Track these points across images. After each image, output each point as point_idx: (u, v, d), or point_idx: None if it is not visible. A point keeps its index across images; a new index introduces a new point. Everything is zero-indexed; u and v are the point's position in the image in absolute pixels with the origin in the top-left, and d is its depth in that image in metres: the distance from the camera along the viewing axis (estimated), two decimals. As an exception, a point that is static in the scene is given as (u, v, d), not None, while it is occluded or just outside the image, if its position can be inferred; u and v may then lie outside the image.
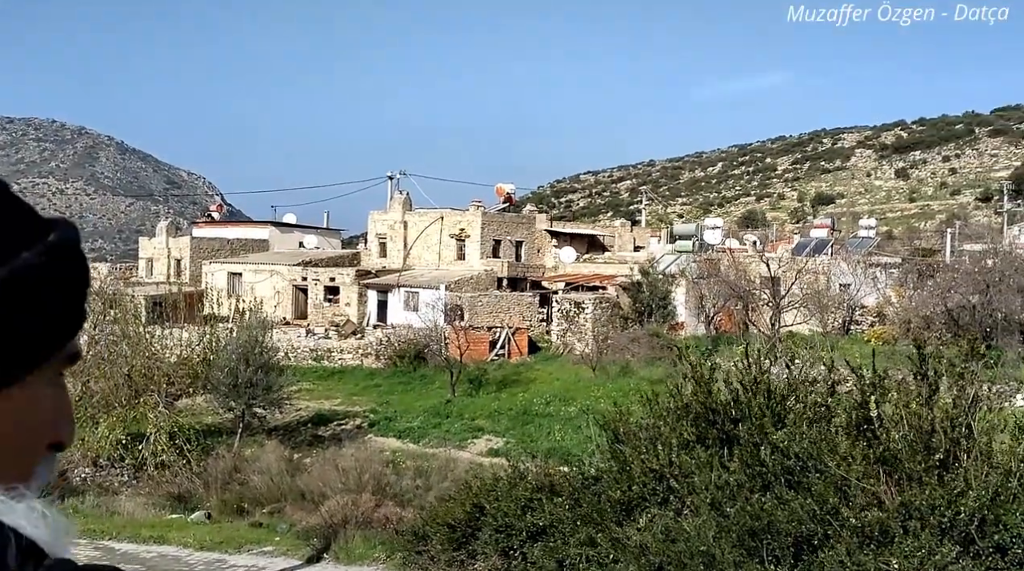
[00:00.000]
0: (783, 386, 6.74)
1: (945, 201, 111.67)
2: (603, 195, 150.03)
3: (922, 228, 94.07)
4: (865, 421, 5.13)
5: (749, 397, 6.49)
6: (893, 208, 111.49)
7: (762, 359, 7.22)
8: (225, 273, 42.62)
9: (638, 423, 7.79)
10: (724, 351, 31.96)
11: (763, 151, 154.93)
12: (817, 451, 4.75)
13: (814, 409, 6.15)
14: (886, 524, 4.11)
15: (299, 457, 22.11)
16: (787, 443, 4.88)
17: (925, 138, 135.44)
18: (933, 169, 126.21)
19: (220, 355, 22.95)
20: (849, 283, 33.66)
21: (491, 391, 29.28)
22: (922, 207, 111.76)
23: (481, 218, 41.93)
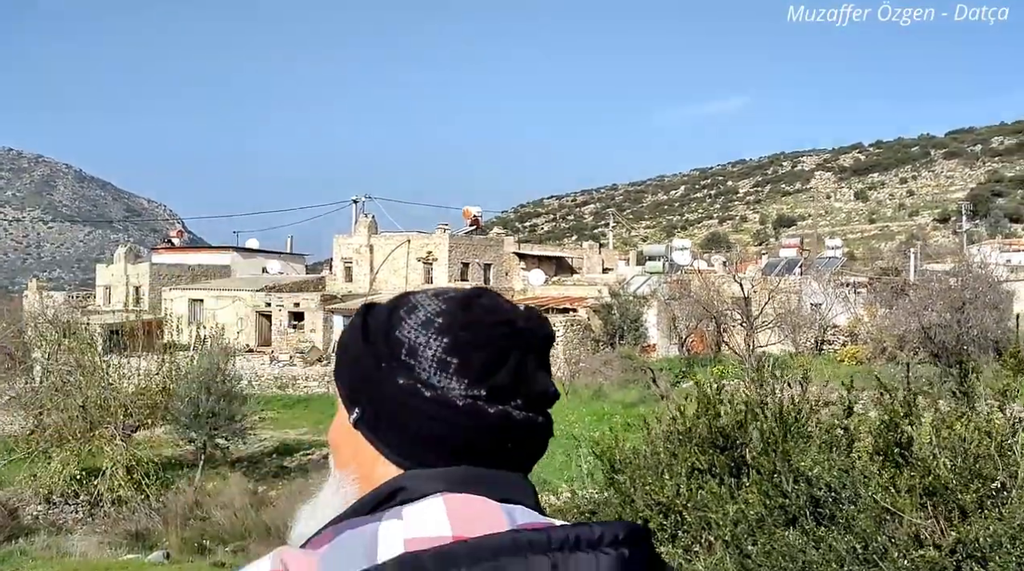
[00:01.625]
0: (795, 407, 6.23)
1: (904, 222, 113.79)
2: (567, 219, 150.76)
3: (883, 249, 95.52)
4: (896, 445, 4.64)
5: (763, 420, 5.97)
6: (853, 229, 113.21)
7: (770, 377, 6.71)
8: (186, 300, 41.51)
9: (635, 450, 7.27)
10: (699, 373, 31.77)
11: (724, 174, 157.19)
12: (851, 480, 4.26)
13: (831, 433, 5.66)
14: (942, 565, 3.63)
15: (264, 490, 21.23)
16: (816, 471, 4.38)
17: (882, 161, 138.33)
18: (891, 191, 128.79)
19: (180, 384, 22.05)
20: (820, 302, 33.65)
21: (462, 417, 28.60)
22: (882, 228, 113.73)
23: (448, 241, 41.42)
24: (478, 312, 1.09)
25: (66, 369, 23.08)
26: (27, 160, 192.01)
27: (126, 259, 46.72)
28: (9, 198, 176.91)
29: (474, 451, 1.05)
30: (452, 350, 1.05)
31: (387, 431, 1.08)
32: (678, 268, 39.62)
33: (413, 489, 1.03)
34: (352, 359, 1.12)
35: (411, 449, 1.07)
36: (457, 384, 1.05)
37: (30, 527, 18.12)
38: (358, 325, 1.13)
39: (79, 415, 21.21)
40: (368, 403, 1.10)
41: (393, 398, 1.07)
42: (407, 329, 1.07)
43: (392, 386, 1.06)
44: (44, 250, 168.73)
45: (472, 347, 1.05)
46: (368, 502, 1.04)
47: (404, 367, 1.06)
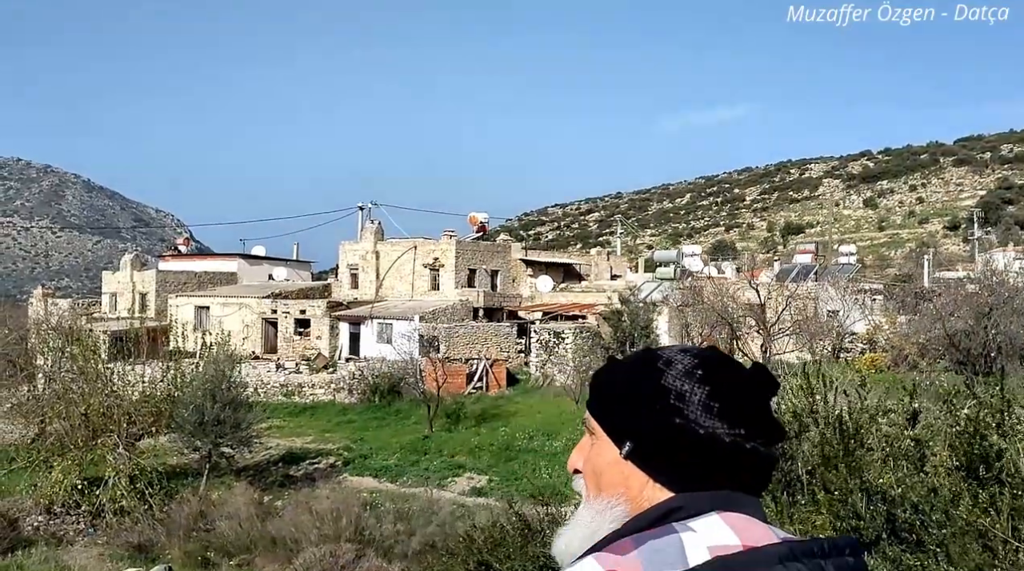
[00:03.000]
0: (853, 417, 5.67)
1: (914, 229, 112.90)
2: (572, 227, 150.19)
3: (893, 256, 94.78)
4: (982, 460, 4.09)
5: (819, 431, 5.42)
6: (863, 237, 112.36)
7: (821, 384, 6.16)
8: (192, 307, 41.10)
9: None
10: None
11: (730, 182, 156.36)
12: (940, 500, 3.72)
13: (895, 445, 5.09)
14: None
15: (270, 500, 20.75)
16: (900, 489, 3.84)
17: (891, 168, 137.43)
18: (901, 198, 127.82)
19: (185, 391, 21.57)
20: (837, 309, 33.01)
21: (470, 425, 28.06)
22: (891, 236, 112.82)
23: (455, 247, 40.91)
24: (727, 366, 1.38)
25: (69, 376, 22.66)
26: (36, 170, 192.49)
27: (132, 266, 46.35)
28: (18, 208, 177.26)
29: (730, 478, 1.32)
30: (714, 396, 1.32)
31: (660, 461, 1.33)
32: (689, 274, 39.01)
33: (688, 508, 1.29)
34: (621, 400, 1.37)
35: (680, 476, 1.32)
36: (721, 424, 1.32)
37: (30, 538, 17.66)
38: (616, 373, 1.40)
39: (81, 423, 20.77)
40: (641, 438, 1.34)
41: (667, 434, 1.32)
42: (671, 378, 1.34)
43: (666, 425, 1.32)
44: (52, 259, 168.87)
45: (730, 394, 1.33)
46: (646, 518, 1.29)
47: (675, 410, 1.32)
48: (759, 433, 1.32)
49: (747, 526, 1.25)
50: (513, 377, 34.29)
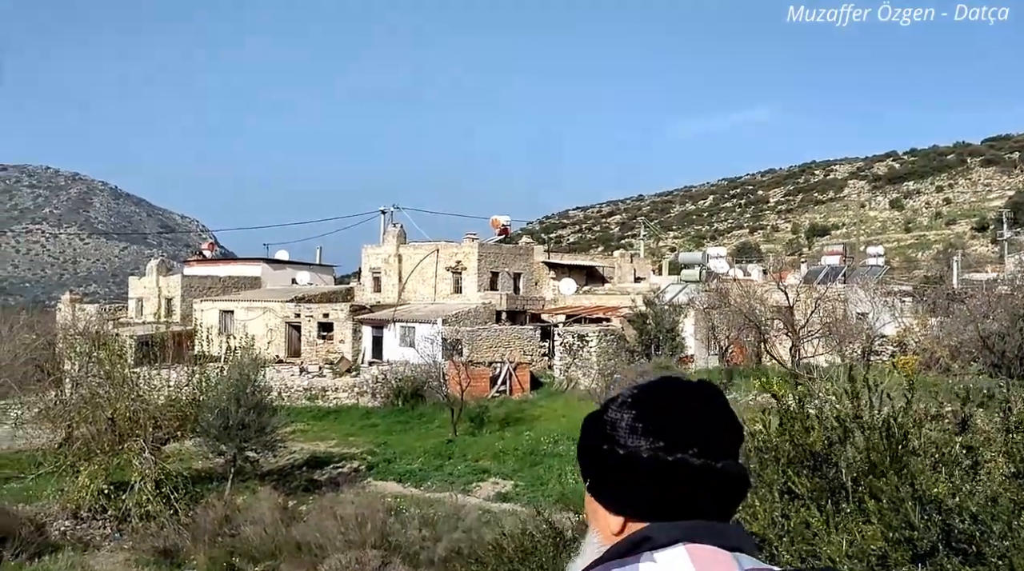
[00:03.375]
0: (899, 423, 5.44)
1: (941, 231, 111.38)
2: (593, 230, 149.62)
3: (920, 258, 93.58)
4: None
5: (865, 437, 5.20)
6: (889, 238, 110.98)
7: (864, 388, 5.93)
8: (216, 311, 41.30)
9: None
10: (740, 385, 30.68)
11: (754, 184, 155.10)
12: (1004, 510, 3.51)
13: (945, 451, 4.86)
14: None
15: (294, 504, 20.67)
16: (958, 498, 3.63)
17: (917, 169, 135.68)
18: (927, 199, 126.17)
19: (210, 395, 21.57)
20: (866, 312, 32.50)
21: (494, 430, 27.91)
22: (918, 237, 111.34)
23: (478, 250, 40.79)
24: (663, 390, 1.46)
25: (96, 381, 22.72)
26: (64, 178, 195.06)
27: (158, 271, 46.71)
28: (47, 215, 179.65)
29: (670, 493, 1.37)
30: (639, 418, 1.41)
31: (604, 490, 1.43)
32: (715, 276, 38.61)
33: (657, 539, 1.35)
34: (581, 444, 1.48)
35: (622, 503, 1.41)
36: (644, 441, 1.39)
37: (57, 543, 17.70)
38: (587, 419, 1.50)
39: (108, 428, 20.81)
40: (591, 472, 1.45)
41: (599, 461, 1.42)
42: (610, 411, 1.45)
43: (599, 453, 1.42)
44: (80, 265, 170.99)
45: (654, 413, 1.41)
46: (622, 549, 1.37)
47: (606, 437, 1.42)
48: (686, 444, 1.37)
49: (710, 557, 1.32)
50: (537, 380, 34.10)
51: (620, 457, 1.38)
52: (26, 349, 28.73)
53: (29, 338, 30.49)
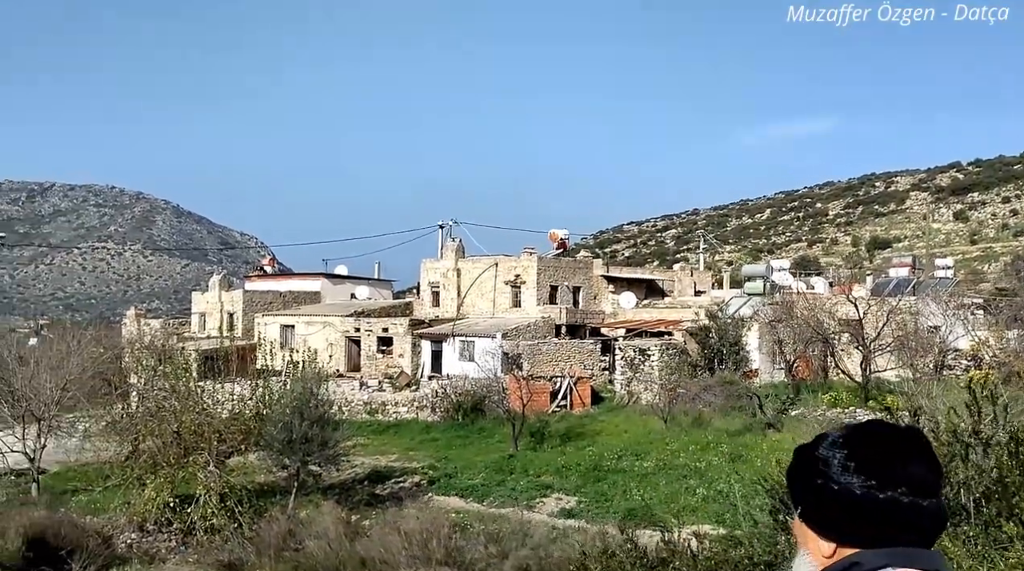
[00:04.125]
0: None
1: (1008, 242, 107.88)
2: (648, 245, 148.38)
3: (986, 270, 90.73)
4: None
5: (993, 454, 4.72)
6: (954, 250, 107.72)
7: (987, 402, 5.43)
8: (278, 325, 41.70)
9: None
10: (808, 400, 29.76)
11: (812, 196, 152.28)
12: None
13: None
14: None
15: (357, 519, 20.49)
16: None
17: (982, 179, 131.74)
18: (993, 210, 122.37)
19: (274, 409, 21.56)
20: (938, 325, 31.29)
21: (555, 444, 27.46)
22: (984, 249, 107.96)
23: (537, 263, 40.50)
24: (871, 433, 1.63)
25: (162, 395, 22.91)
26: (128, 197, 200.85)
27: (221, 286, 47.40)
28: (112, 233, 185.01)
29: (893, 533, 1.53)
30: (850, 457, 1.58)
31: (818, 519, 1.61)
32: (779, 289, 37.65)
33: (865, 564, 1.52)
34: (792, 474, 1.68)
35: (835, 531, 1.59)
36: (856, 479, 1.56)
37: (124, 556, 17.78)
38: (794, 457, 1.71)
39: (173, 441, 20.93)
40: (803, 502, 1.64)
41: (813, 495, 1.61)
42: (821, 449, 1.63)
43: (812, 487, 1.61)
44: (144, 282, 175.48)
45: (865, 454, 1.58)
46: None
47: (818, 473, 1.60)
48: (895, 483, 1.53)
49: None
50: (597, 395, 33.58)
51: (834, 492, 1.56)
52: (94, 363, 29.22)
53: (97, 352, 31.03)
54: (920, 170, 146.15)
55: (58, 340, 31.22)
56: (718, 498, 20.66)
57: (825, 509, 1.56)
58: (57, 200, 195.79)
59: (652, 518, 19.66)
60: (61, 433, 25.96)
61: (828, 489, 1.56)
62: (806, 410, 28.62)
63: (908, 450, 1.56)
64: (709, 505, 20.20)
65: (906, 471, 1.52)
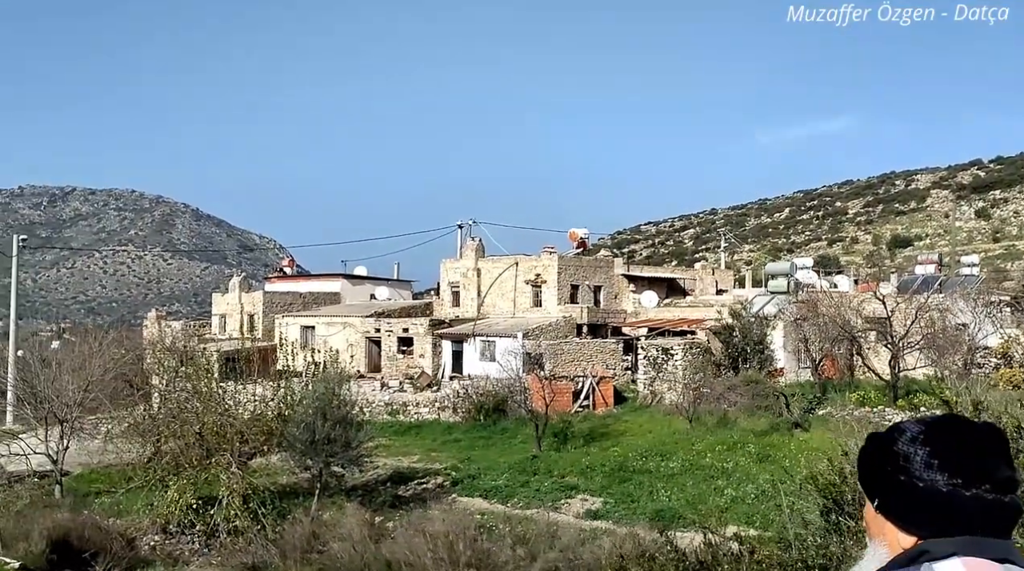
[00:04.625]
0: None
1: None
2: (666, 244, 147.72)
3: (1010, 268, 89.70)
4: None
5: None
6: (976, 248, 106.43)
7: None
8: (298, 326, 41.65)
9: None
10: (835, 399, 29.31)
11: (831, 195, 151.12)
12: None
13: None
14: None
15: (381, 521, 20.27)
16: None
17: (1004, 177, 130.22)
18: (1015, 208, 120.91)
19: (296, 409, 21.39)
20: (966, 323, 30.72)
21: (578, 445, 27.16)
22: (1007, 247, 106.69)
23: (558, 262, 40.19)
24: (950, 429, 1.65)
25: (183, 396, 22.81)
26: (148, 201, 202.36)
27: (241, 288, 47.42)
28: (132, 237, 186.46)
29: (968, 524, 1.57)
30: (933, 455, 1.61)
31: (898, 512, 1.64)
32: (803, 287, 37.14)
33: (935, 552, 1.57)
34: (867, 466, 1.72)
35: (920, 523, 1.61)
36: (940, 476, 1.59)
37: (147, 558, 17.66)
38: (867, 446, 1.74)
39: (196, 442, 20.80)
40: (881, 495, 1.68)
41: (896, 490, 1.64)
42: (900, 444, 1.65)
43: (895, 482, 1.64)
44: (164, 285, 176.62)
45: (948, 452, 1.61)
46: (902, 560, 1.60)
47: (900, 469, 1.64)
48: (980, 481, 1.58)
49: (983, 569, 1.54)
50: (620, 395, 33.24)
51: (918, 488, 1.60)
52: (115, 364, 29.18)
53: (118, 353, 31.01)
54: (941, 168, 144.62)
55: (80, 342, 31.23)
56: (747, 499, 20.33)
57: (908, 504, 1.61)
58: (78, 204, 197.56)
59: (680, 519, 19.37)
60: (84, 435, 25.93)
61: (911, 485, 1.60)
62: (833, 409, 28.17)
63: (990, 447, 1.61)
64: (738, 506, 19.84)
65: (989, 468, 1.58)
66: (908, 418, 1.70)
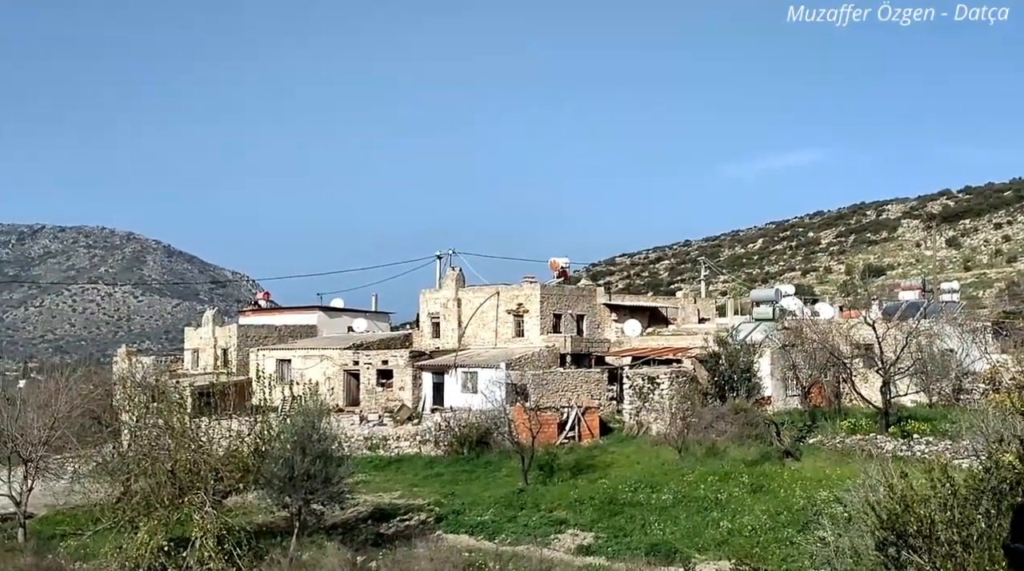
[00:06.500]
0: None
1: (1002, 269, 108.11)
2: (641, 276, 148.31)
3: (982, 296, 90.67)
4: None
5: None
6: (948, 277, 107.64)
7: None
8: (274, 360, 40.60)
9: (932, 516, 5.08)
10: (826, 427, 28.80)
11: (803, 226, 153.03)
12: None
13: None
14: None
15: (363, 560, 19.36)
16: None
17: (973, 206, 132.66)
18: (985, 237, 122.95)
19: (274, 445, 20.47)
20: (954, 348, 30.46)
21: (565, 477, 26.36)
22: (978, 275, 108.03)
23: (540, 292, 39.63)
24: None
25: (155, 432, 21.81)
26: (119, 237, 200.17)
27: (214, 321, 46.32)
28: (102, 274, 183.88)
29: None
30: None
31: None
32: (788, 314, 36.84)
33: None
34: None
35: None
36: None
37: (116, 604, 16.58)
38: None
39: (168, 480, 19.78)
40: None
41: None
42: None
43: None
44: (134, 322, 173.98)
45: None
46: None
47: None
48: None
49: None
50: (606, 425, 32.53)
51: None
52: (83, 400, 28.06)
53: (86, 389, 29.87)
54: (911, 198, 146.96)
55: (46, 379, 30.10)
56: (744, 531, 19.65)
57: None
58: (47, 242, 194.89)
59: (675, 554, 18.62)
60: (49, 475, 24.79)
61: None
62: (824, 437, 27.67)
63: None
64: (735, 538, 19.15)
65: None
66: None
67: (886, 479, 6.34)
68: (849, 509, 6.97)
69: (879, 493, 5.88)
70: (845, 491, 8.88)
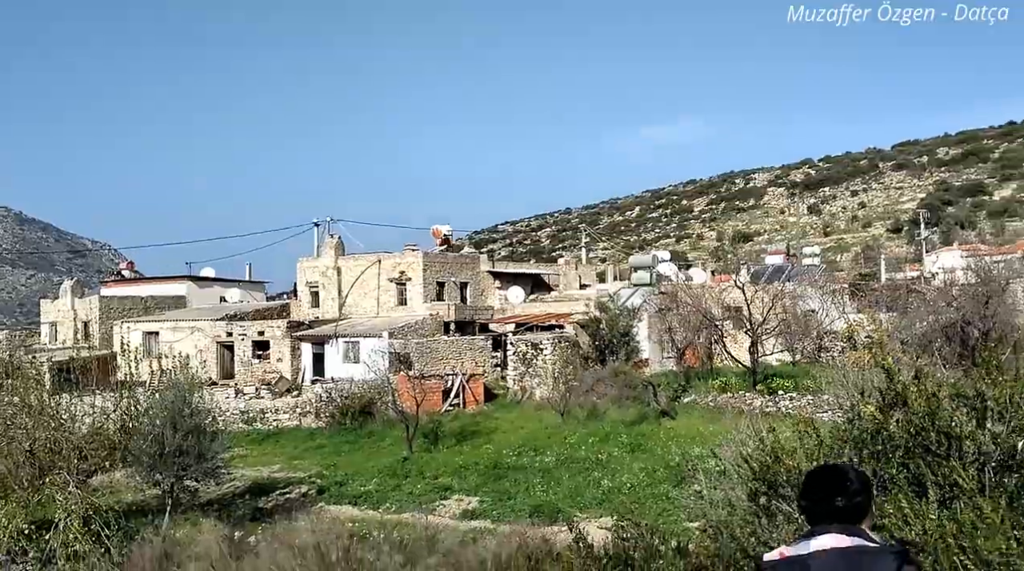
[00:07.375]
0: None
1: (858, 233, 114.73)
2: (524, 243, 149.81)
3: (839, 260, 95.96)
4: None
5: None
6: (809, 242, 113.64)
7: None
8: (140, 332, 38.62)
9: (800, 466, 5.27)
10: (699, 387, 29.92)
11: (678, 194, 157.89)
12: None
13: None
14: None
15: (241, 536, 18.74)
16: None
17: (832, 174, 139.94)
18: (843, 204, 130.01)
19: (142, 421, 19.50)
20: (815, 309, 32.15)
21: (450, 444, 26.40)
22: (836, 241, 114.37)
23: (423, 259, 39.22)
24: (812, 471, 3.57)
25: (11, 411, 20.39)
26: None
27: (73, 293, 43.61)
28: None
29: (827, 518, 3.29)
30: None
31: None
32: (664, 279, 37.93)
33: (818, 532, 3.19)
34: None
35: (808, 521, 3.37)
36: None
37: (-30, 595, 15.48)
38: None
39: (26, 460, 18.56)
40: None
41: None
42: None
43: None
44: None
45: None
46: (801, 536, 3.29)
47: None
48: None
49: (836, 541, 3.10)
50: (490, 392, 32.71)
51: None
52: (-73, 380, 25.91)
53: (-70, 368, 27.59)
54: (775, 167, 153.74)
55: None
56: (623, 488, 20.22)
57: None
58: None
59: (559, 514, 18.96)
60: None
61: None
62: (697, 397, 28.77)
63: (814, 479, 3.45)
64: (615, 496, 19.67)
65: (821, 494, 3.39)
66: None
67: (756, 433, 6.55)
68: (723, 463, 7.19)
69: (750, 447, 6.07)
70: (719, 446, 9.20)
